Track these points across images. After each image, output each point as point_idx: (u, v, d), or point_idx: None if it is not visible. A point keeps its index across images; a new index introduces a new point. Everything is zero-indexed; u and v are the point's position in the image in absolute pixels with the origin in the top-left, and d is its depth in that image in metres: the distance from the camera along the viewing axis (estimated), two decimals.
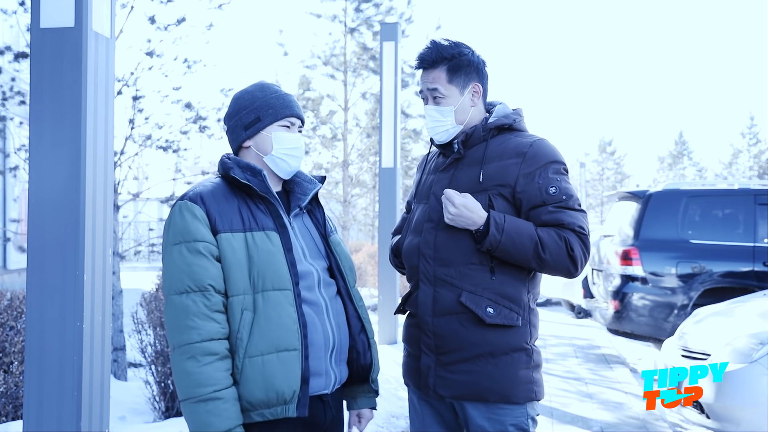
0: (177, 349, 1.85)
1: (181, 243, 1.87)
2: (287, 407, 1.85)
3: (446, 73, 2.22)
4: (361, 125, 15.09)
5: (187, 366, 1.81)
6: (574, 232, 2.11)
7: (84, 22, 2.89)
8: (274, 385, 1.84)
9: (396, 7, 13.58)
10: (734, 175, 42.17)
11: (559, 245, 2.09)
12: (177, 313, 1.85)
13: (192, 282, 1.84)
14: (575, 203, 2.14)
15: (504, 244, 2.08)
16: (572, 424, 5.07)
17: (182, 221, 1.88)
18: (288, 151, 2.03)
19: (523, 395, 2.13)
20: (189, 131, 6.85)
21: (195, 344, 1.81)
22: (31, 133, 2.94)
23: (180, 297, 1.85)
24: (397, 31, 7.77)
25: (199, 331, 1.82)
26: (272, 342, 1.85)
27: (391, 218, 7.57)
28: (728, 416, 4.09)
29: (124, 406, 4.98)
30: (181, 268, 1.86)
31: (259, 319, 1.86)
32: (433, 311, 2.17)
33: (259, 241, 1.90)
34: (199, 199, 1.91)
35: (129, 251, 7.50)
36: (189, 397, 1.82)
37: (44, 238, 2.90)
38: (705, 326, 4.75)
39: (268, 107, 2.03)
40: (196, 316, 1.83)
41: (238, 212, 1.92)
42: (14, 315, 4.42)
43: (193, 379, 1.80)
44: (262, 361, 1.84)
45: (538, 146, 2.17)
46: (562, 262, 2.10)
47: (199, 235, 1.87)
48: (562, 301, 11.97)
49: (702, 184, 7.89)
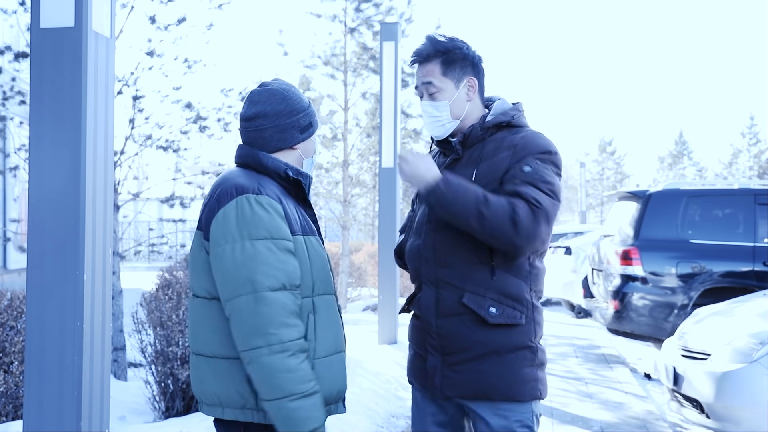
0: (271, 347, 1.81)
1: (268, 239, 1.85)
2: (338, 405, 2.01)
3: (440, 66, 2.21)
4: (361, 125, 15.09)
5: (289, 363, 1.80)
6: (527, 201, 2.03)
7: (84, 22, 2.88)
8: (338, 384, 1.97)
9: (396, 7, 13.57)
10: (734, 175, 42.16)
11: (503, 206, 2.01)
12: (273, 310, 1.82)
13: (287, 279, 1.85)
14: (545, 187, 2.07)
15: (446, 195, 2.04)
16: (572, 424, 5.07)
17: (269, 217, 1.86)
18: (315, 156, 2.15)
19: (528, 393, 2.13)
20: (189, 131, 6.84)
21: (294, 341, 1.83)
22: (31, 133, 2.94)
23: (276, 294, 1.83)
24: (397, 31, 7.77)
25: (298, 328, 1.85)
26: (333, 344, 1.98)
27: (391, 218, 7.57)
28: (728, 416, 4.09)
29: (124, 406, 4.98)
30: (273, 264, 1.84)
31: (320, 321, 1.95)
32: (437, 313, 2.17)
33: (316, 246, 1.99)
34: (277, 197, 1.92)
35: (129, 251, 7.50)
36: (289, 394, 1.80)
37: (44, 238, 2.90)
38: (705, 326, 4.75)
39: (314, 115, 2.10)
40: (291, 313, 1.85)
41: (296, 214, 1.97)
42: (14, 315, 4.42)
43: (296, 376, 1.81)
44: (330, 362, 1.95)
45: (530, 137, 2.16)
46: (502, 223, 2.00)
47: (286, 234, 1.89)
48: (562, 301, 11.98)
49: (702, 184, 7.88)
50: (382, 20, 12.66)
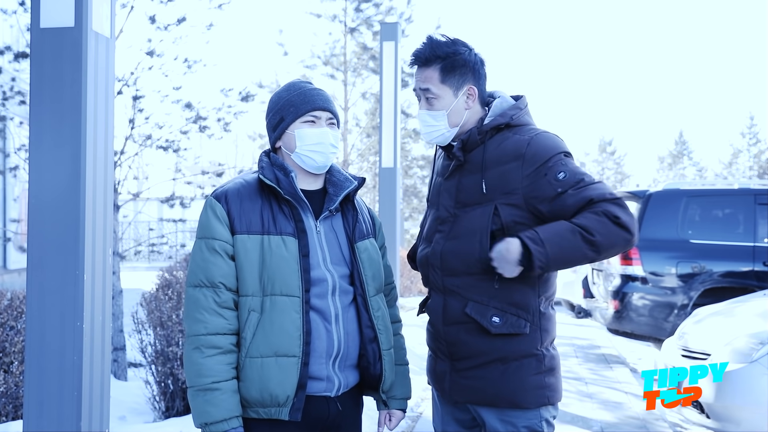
0: (187, 339, 1.96)
1: (202, 239, 1.98)
2: (281, 410, 1.93)
3: (439, 72, 2.13)
4: (361, 125, 15.10)
5: (193, 356, 1.92)
6: (607, 200, 1.99)
7: (84, 22, 2.88)
8: (268, 388, 1.91)
9: (396, 7, 13.59)
10: (734, 175, 42.16)
11: (602, 221, 1.96)
12: (190, 305, 1.96)
13: (205, 277, 1.94)
14: (591, 179, 2.04)
15: (551, 252, 1.96)
16: (572, 424, 5.07)
17: (205, 218, 1.98)
18: (312, 146, 2.03)
19: (534, 400, 2.10)
20: (189, 131, 6.84)
21: (201, 336, 1.92)
22: (31, 133, 2.93)
23: (194, 290, 1.95)
24: (397, 31, 7.77)
25: (206, 324, 1.92)
26: (273, 346, 1.92)
27: (391, 218, 7.57)
28: (728, 416, 4.09)
29: (124, 406, 4.97)
30: (198, 263, 1.96)
31: (264, 322, 1.93)
32: (443, 320, 2.17)
33: (275, 246, 1.95)
34: (223, 197, 1.99)
35: (129, 251, 7.50)
36: (192, 385, 1.92)
37: (44, 238, 2.90)
38: (705, 326, 4.75)
39: (289, 106, 2.06)
40: (205, 310, 1.93)
41: (259, 214, 1.98)
42: (14, 315, 4.42)
43: (196, 369, 1.91)
44: (261, 363, 1.92)
45: (536, 144, 2.07)
46: (614, 234, 1.96)
47: (216, 234, 1.95)
48: (562, 301, 11.97)
49: (702, 184, 7.88)
50: (382, 20, 12.67)
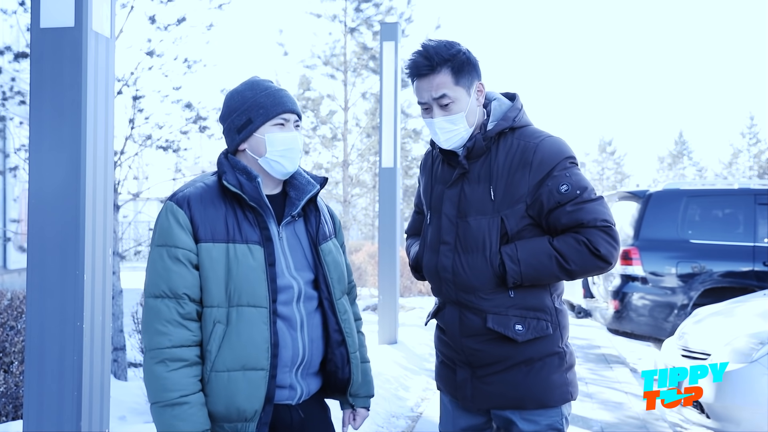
0: (148, 352, 1.84)
1: (163, 246, 1.85)
2: (247, 425, 1.85)
3: (451, 75, 2.05)
4: (361, 125, 15.10)
5: (156, 370, 1.81)
6: (597, 228, 2.02)
7: (84, 22, 2.88)
8: (235, 403, 1.83)
9: (396, 7, 13.58)
10: (734, 175, 42.15)
11: (580, 250, 2.02)
12: (150, 316, 1.84)
13: (168, 288, 1.83)
14: (591, 194, 2.06)
15: (525, 272, 2.03)
16: (572, 424, 5.07)
17: (167, 224, 1.86)
18: (282, 152, 1.94)
19: (559, 398, 2.12)
20: (189, 131, 6.84)
21: (165, 349, 1.81)
22: (31, 133, 2.93)
23: (155, 301, 1.84)
24: (397, 31, 7.77)
25: (170, 336, 1.81)
26: (240, 359, 1.83)
27: (391, 218, 7.57)
28: (728, 416, 4.09)
29: (124, 406, 4.97)
30: (159, 272, 1.84)
31: (230, 334, 1.84)
32: (461, 332, 2.15)
33: (241, 255, 1.85)
34: (186, 203, 1.87)
35: (129, 251, 7.49)
36: (157, 401, 1.81)
37: (44, 238, 2.90)
38: (705, 326, 4.75)
39: (258, 107, 1.93)
40: (168, 322, 1.82)
41: (224, 220, 1.87)
42: (14, 315, 4.43)
43: (161, 384, 1.80)
44: (228, 378, 1.83)
45: (542, 150, 2.06)
46: (590, 264, 2.03)
47: (179, 242, 1.84)
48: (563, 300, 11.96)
49: (702, 184, 7.89)
50: (382, 20, 12.68)
